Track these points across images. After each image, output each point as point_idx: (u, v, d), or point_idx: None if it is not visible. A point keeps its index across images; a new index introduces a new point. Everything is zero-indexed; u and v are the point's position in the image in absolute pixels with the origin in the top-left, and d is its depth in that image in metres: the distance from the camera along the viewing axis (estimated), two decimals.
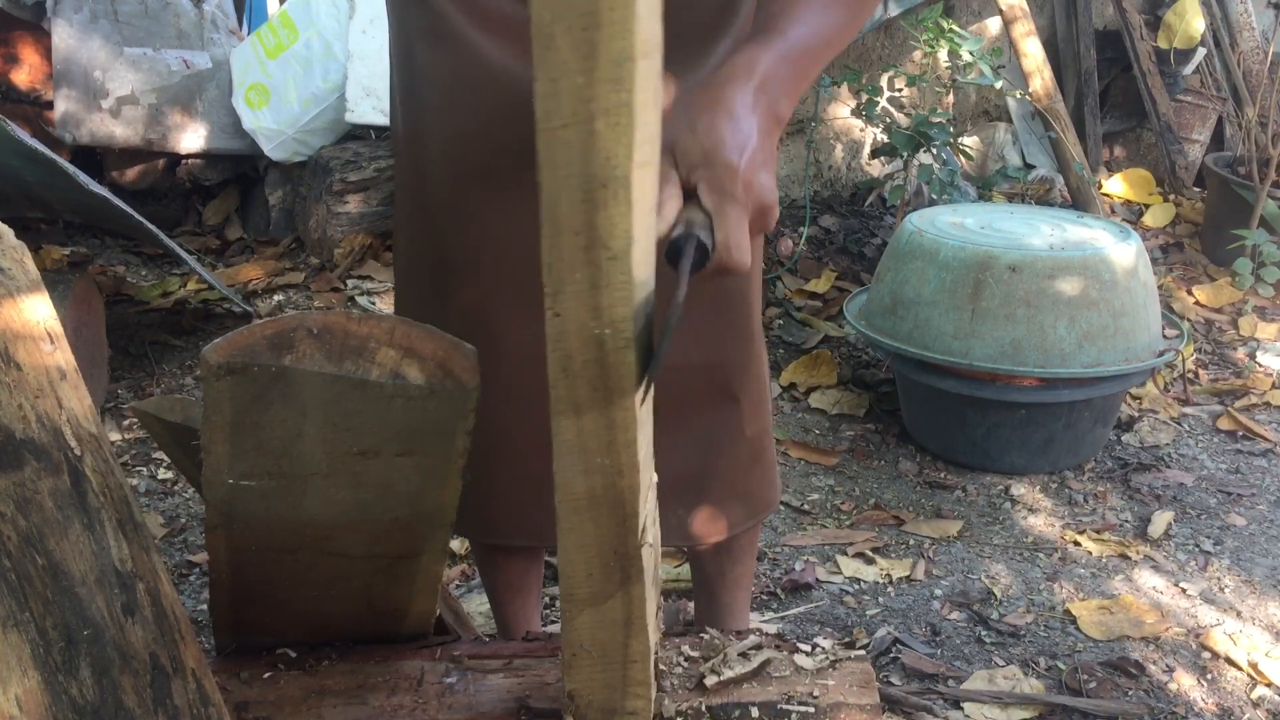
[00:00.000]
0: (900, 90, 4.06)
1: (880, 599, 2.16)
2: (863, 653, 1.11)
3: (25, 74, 3.55)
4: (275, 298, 3.28)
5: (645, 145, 0.74)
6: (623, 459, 0.83)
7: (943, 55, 3.82)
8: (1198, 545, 2.37)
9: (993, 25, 4.43)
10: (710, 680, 1.04)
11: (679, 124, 0.89)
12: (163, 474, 2.49)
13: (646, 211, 0.78)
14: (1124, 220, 4.08)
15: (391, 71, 1.32)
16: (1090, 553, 2.33)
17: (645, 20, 0.69)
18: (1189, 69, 4.52)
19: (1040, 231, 2.63)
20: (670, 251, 0.86)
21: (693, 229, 0.86)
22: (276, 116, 3.45)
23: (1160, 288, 3.27)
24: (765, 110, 0.91)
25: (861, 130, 4.10)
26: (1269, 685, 1.92)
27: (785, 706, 1.02)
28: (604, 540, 0.87)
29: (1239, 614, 2.13)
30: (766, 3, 1.00)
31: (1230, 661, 1.98)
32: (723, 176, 0.87)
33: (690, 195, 0.88)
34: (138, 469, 2.51)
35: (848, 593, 2.18)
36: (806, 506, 2.50)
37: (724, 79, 0.92)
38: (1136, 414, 2.94)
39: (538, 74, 0.70)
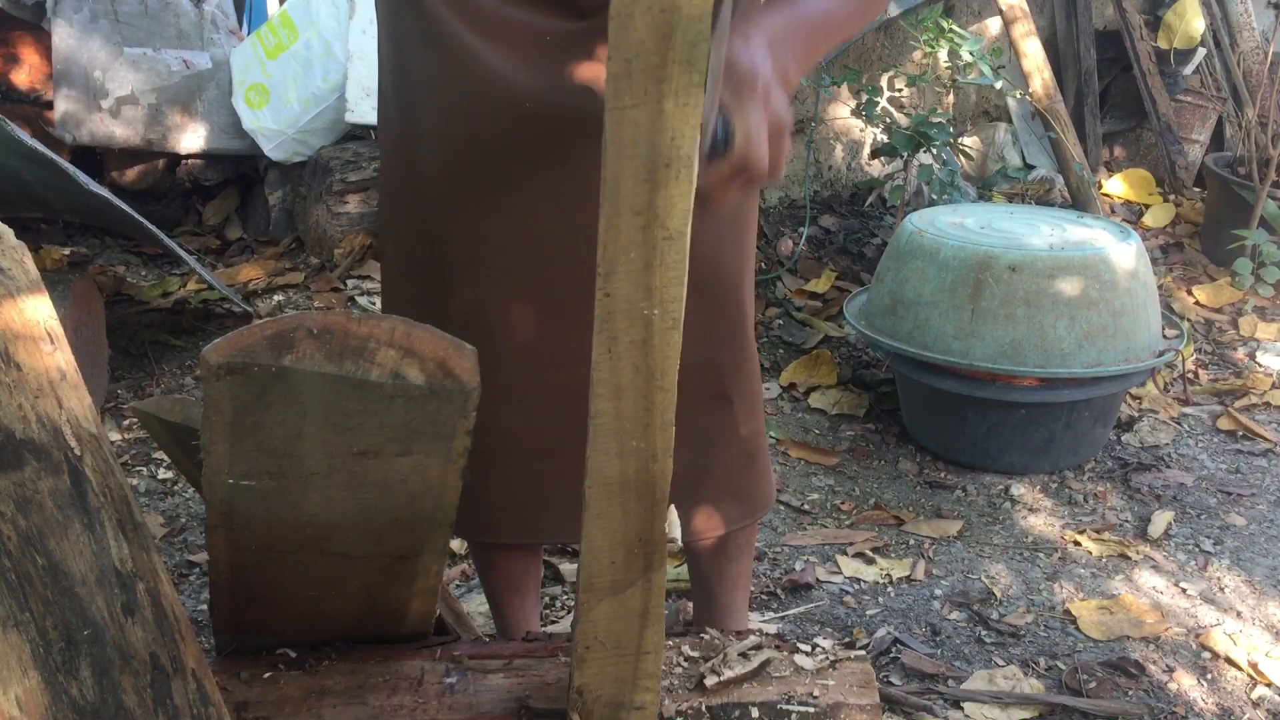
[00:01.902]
0: (900, 90, 4.06)
1: (880, 599, 2.16)
2: (863, 653, 1.11)
3: (25, 74, 3.55)
4: (275, 298, 3.28)
5: (698, 129, 0.75)
6: (658, 443, 0.84)
7: (943, 55, 3.82)
8: (1198, 545, 2.37)
9: (993, 25, 4.43)
10: (710, 680, 1.04)
11: None
12: (163, 474, 2.49)
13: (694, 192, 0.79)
14: (1124, 220, 4.08)
15: (381, 75, 1.31)
16: (1090, 553, 2.33)
17: (710, 6, 0.71)
18: (1189, 69, 4.52)
19: (1040, 231, 2.63)
20: None
21: (713, 114, 0.87)
22: (276, 116, 3.45)
23: (1160, 288, 3.27)
24: (775, 64, 0.93)
25: (861, 130, 4.10)
26: (1269, 685, 1.92)
27: (785, 706, 1.02)
28: (630, 526, 0.87)
29: (1239, 614, 2.13)
30: None
31: (1230, 661, 1.98)
32: (742, 79, 0.88)
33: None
34: (138, 469, 2.51)
35: (848, 593, 2.18)
36: (806, 506, 2.50)
37: (741, 32, 0.93)
38: (1136, 414, 2.94)
39: (612, 54, 0.71)
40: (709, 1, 0.69)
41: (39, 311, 0.86)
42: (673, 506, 0.91)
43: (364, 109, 3.36)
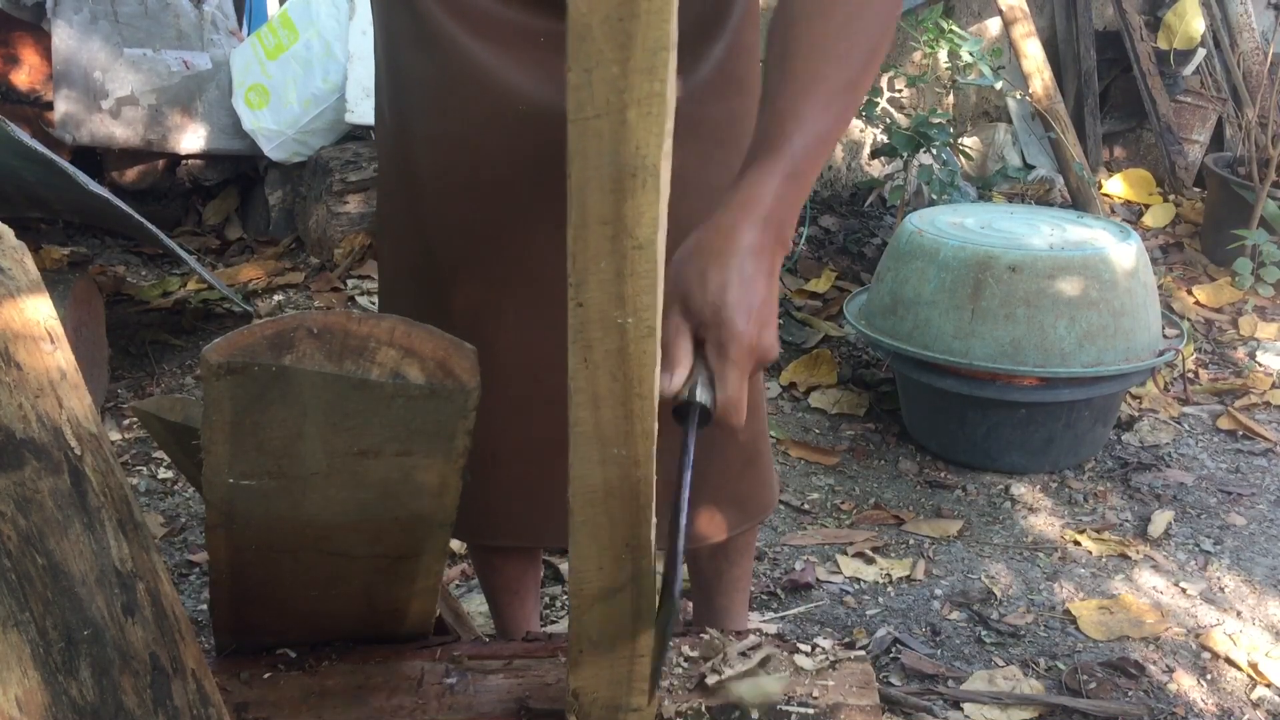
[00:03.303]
0: (900, 90, 4.06)
1: (880, 599, 2.16)
2: (863, 653, 1.11)
3: (25, 74, 3.55)
4: (275, 298, 3.28)
5: (668, 136, 0.74)
6: (640, 450, 0.83)
7: (943, 55, 3.82)
8: (1198, 545, 2.37)
9: (993, 25, 4.44)
10: (711, 679, 1.04)
11: (690, 272, 0.90)
12: (163, 474, 2.49)
13: (665, 201, 0.79)
14: (1124, 220, 4.08)
15: (378, 77, 1.31)
16: (1090, 552, 2.33)
17: (674, 13, 0.70)
18: (1189, 69, 4.52)
19: (1040, 231, 2.63)
20: (676, 413, 0.89)
21: (695, 392, 0.89)
22: (276, 117, 3.45)
23: (1160, 288, 3.27)
24: (774, 241, 0.92)
25: (861, 130, 4.10)
26: (1269, 685, 1.92)
27: (785, 707, 1.02)
28: (617, 533, 0.87)
29: (1239, 614, 2.13)
30: (771, 100, 0.98)
31: (1230, 661, 1.98)
32: (728, 342, 0.89)
33: (697, 348, 0.90)
34: (138, 469, 2.51)
35: (848, 593, 2.18)
36: (806, 506, 2.50)
37: (735, 215, 0.92)
38: (1136, 414, 2.95)
39: (571, 65, 0.70)
40: (668, 8, 0.69)
41: (39, 311, 0.86)
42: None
43: (364, 109, 3.36)
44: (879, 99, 3.62)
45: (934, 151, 3.42)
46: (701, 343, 0.90)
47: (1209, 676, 1.95)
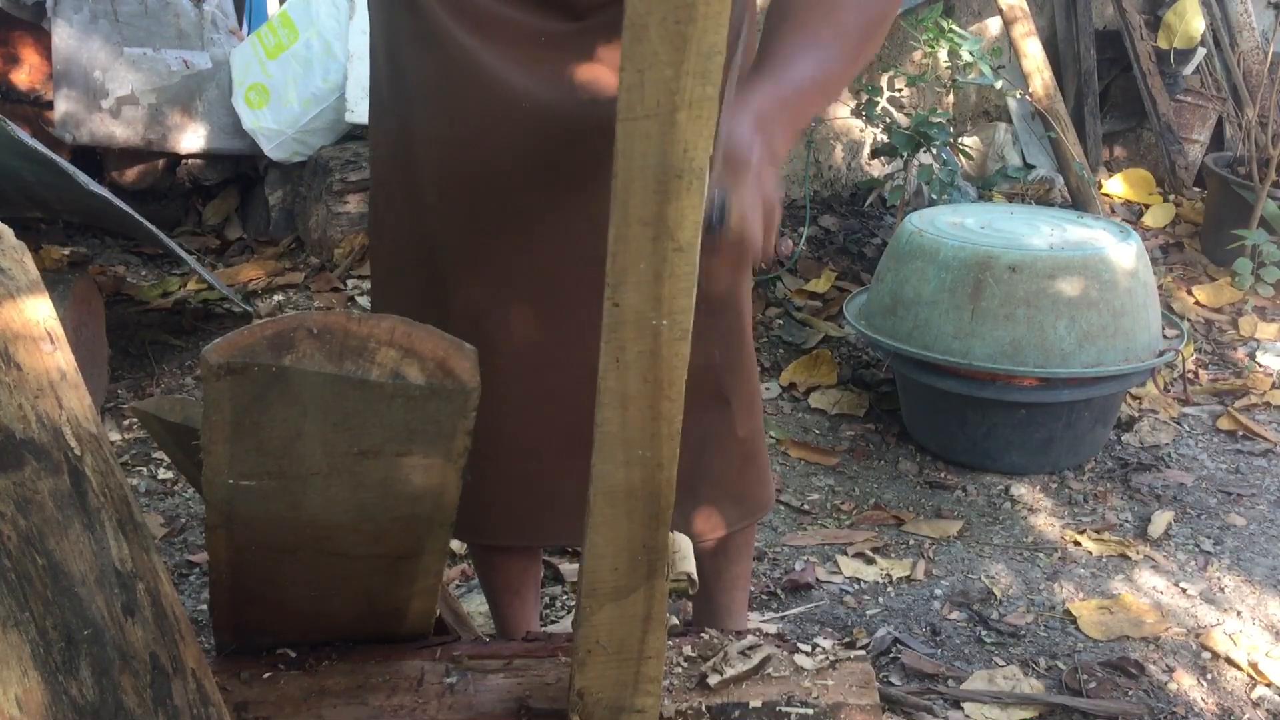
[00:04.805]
0: (900, 90, 4.05)
1: (880, 599, 2.16)
2: (863, 653, 1.11)
3: (25, 74, 3.55)
4: (275, 298, 3.28)
5: (712, 141, 0.75)
6: (664, 452, 0.84)
7: (943, 55, 3.81)
8: (1198, 545, 2.37)
9: (993, 25, 4.43)
10: (713, 679, 1.04)
11: None
12: (163, 474, 2.49)
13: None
14: (1124, 220, 4.08)
15: (375, 74, 1.31)
16: (1090, 553, 2.33)
17: (728, 18, 0.71)
18: (1189, 69, 4.52)
19: (1040, 231, 2.63)
20: None
21: (710, 192, 0.88)
22: (276, 116, 3.45)
23: (1160, 288, 3.27)
24: (763, 144, 0.94)
25: (861, 130, 4.10)
26: (1269, 685, 1.92)
27: (785, 707, 1.02)
28: (635, 533, 0.87)
29: (1239, 614, 2.13)
30: (767, 41, 1.02)
31: (1230, 661, 1.98)
32: (736, 162, 0.90)
33: None
34: (138, 469, 2.51)
35: (848, 593, 2.18)
36: (806, 506, 2.50)
37: (723, 114, 0.94)
38: (1136, 414, 2.94)
39: (624, 65, 0.71)
40: (725, 13, 0.69)
41: (39, 311, 0.86)
42: (687, 540, 0.91)
43: (364, 109, 3.35)
44: (879, 99, 3.62)
45: (934, 151, 3.41)
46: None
47: (1209, 676, 1.95)
